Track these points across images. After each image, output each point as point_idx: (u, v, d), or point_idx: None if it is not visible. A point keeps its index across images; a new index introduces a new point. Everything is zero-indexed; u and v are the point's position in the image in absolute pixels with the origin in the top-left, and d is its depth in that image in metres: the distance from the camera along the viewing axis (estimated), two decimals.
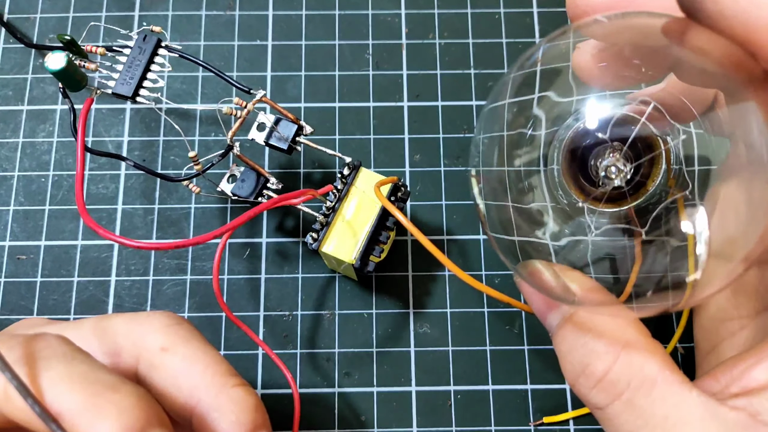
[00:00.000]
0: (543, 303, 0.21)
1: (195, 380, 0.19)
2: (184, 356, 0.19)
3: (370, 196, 0.26)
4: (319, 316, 0.29)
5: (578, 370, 0.20)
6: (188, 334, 0.20)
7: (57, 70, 0.23)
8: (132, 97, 0.24)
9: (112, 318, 0.20)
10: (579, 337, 0.20)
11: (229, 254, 0.30)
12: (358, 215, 0.26)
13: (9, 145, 0.32)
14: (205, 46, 0.33)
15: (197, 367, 0.19)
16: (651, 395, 0.18)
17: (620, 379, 0.19)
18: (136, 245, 0.21)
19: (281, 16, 0.34)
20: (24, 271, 0.30)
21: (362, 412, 0.28)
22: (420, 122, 0.32)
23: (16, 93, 0.33)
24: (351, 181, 0.26)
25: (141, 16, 0.34)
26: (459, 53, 0.33)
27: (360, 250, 0.25)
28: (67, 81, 0.23)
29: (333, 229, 0.26)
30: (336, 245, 0.25)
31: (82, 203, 0.21)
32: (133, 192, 0.31)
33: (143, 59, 0.24)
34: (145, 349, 0.19)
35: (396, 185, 0.26)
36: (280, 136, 0.27)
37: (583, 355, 0.19)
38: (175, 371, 0.19)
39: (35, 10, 0.34)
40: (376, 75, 0.33)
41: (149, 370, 0.19)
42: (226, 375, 0.19)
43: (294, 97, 0.32)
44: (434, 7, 0.34)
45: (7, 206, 0.31)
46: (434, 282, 0.30)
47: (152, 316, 0.20)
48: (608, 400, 0.19)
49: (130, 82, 0.24)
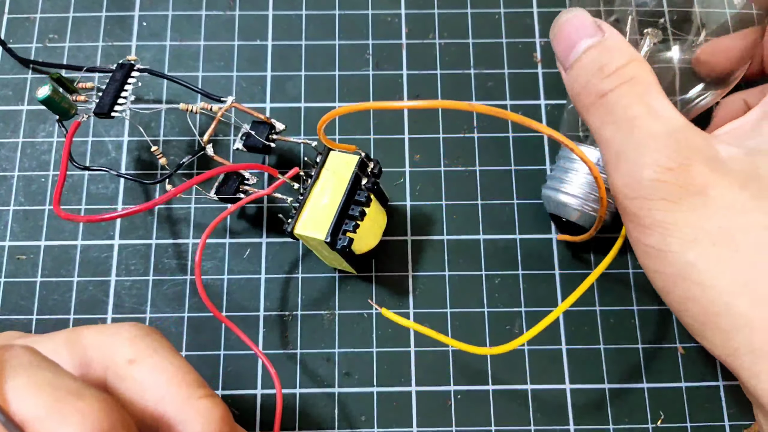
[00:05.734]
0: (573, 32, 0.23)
1: (161, 391, 0.19)
2: (151, 367, 0.19)
3: (340, 174, 0.27)
4: (319, 316, 0.29)
5: (594, 68, 0.22)
6: (155, 344, 0.20)
7: (43, 98, 0.26)
8: (108, 114, 0.28)
9: (83, 330, 0.20)
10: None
11: (229, 254, 0.30)
12: (330, 195, 0.26)
13: (9, 145, 0.32)
14: (205, 45, 0.33)
15: (163, 378, 0.19)
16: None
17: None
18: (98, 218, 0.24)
19: (281, 16, 0.34)
20: (24, 271, 0.30)
21: (362, 412, 0.28)
22: (420, 122, 0.32)
23: (16, 93, 0.33)
24: (321, 165, 0.27)
25: (141, 16, 0.34)
26: (459, 53, 0.33)
27: (331, 226, 0.26)
28: (56, 109, 0.27)
29: (305, 211, 0.26)
30: (309, 225, 0.26)
31: (58, 207, 0.25)
32: (133, 192, 0.31)
33: (117, 83, 0.28)
34: (113, 360, 0.19)
35: (363, 160, 0.27)
36: (256, 139, 0.29)
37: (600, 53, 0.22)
38: (141, 383, 0.19)
39: (35, 10, 0.34)
40: (376, 75, 0.33)
41: (117, 381, 0.19)
42: (193, 386, 0.19)
43: (294, 97, 0.32)
44: (434, 7, 0.34)
45: (7, 206, 0.31)
46: (434, 282, 0.30)
47: (121, 328, 0.20)
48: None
49: (106, 102, 0.28)
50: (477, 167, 0.31)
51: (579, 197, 0.27)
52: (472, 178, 0.31)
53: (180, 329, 0.29)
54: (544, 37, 0.34)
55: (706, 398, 0.28)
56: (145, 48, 0.33)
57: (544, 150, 0.32)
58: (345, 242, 0.26)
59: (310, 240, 0.27)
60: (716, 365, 0.29)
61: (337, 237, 0.26)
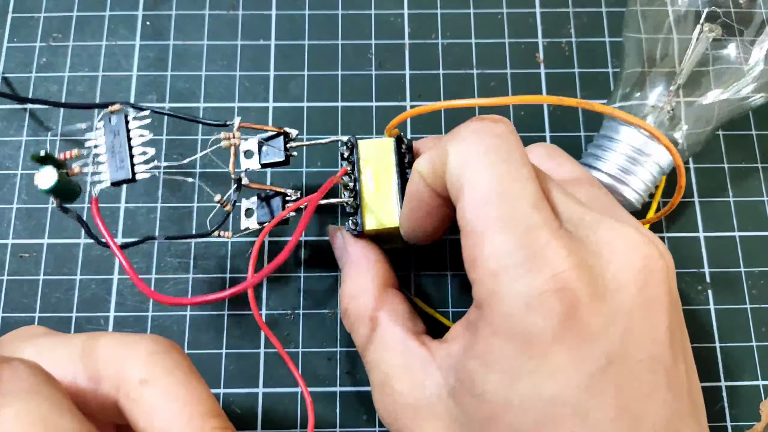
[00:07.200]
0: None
1: (170, 419, 0.18)
2: (164, 391, 0.18)
3: (380, 159, 0.26)
4: (321, 315, 0.29)
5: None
6: (172, 364, 0.19)
7: (50, 189, 0.21)
8: (133, 178, 0.23)
9: (101, 338, 0.19)
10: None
11: (231, 252, 0.30)
12: (379, 183, 0.26)
13: (12, 143, 0.32)
14: (208, 45, 0.33)
15: (174, 405, 0.18)
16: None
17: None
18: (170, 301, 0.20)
19: (284, 15, 0.34)
20: (26, 269, 0.30)
21: (364, 411, 0.28)
22: (422, 122, 0.32)
23: (20, 92, 0.33)
24: (356, 157, 0.26)
25: (144, 16, 0.34)
26: (461, 53, 0.33)
27: (397, 210, 0.25)
28: (64, 193, 0.22)
29: (365, 206, 0.26)
30: (376, 219, 0.26)
31: (143, 284, 0.22)
32: (136, 190, 0.31)
33: (122, 139, 0.24)
34: (125, 380, 0.18)
35: (399, 138, 0.27)
36: (274, 151, 0.27)
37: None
38: (151, 407, 0.18)
39: (39, 9, 0.34)
40: (378, 75, 0.33)
41: (127, 403, 0.18)
42: (206, 416, 0.18)
43: (296, 97, 0.33)
44: (437, 7, 0.34)
45: (10, 204, 0.31)
46: (436, 281, 0.30)
47: (140, 342, 0.19)
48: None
49: (123, 165, 0.23)
50: None
51: (613, 176, 0.28)
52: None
53: (182, 327, 0.29)
54: (546, 37, 0.34)
55: (707, 399, 0.28)
56: (149, 47, 0.33)
57: None
58: None
59: (380, 233, 0.26)
60: (718, 366, 0.29)
61: None
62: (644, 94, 0.28)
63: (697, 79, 0.27)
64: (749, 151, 0.32)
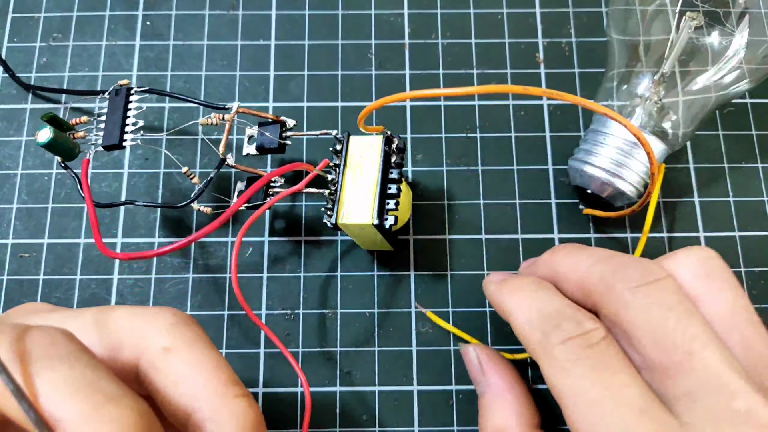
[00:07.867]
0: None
1: (196, 387, 0.18)
2: (187, 360, 0.18)
3: (366, 156, 0.26)
4: (320, 315, 0.29)
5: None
6: (194, 335, 0.19)
7: (45, 142, 0.25)
8: (120, 144, 0.27)
9: (115, 310, 0.19)
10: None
11: (231, 252, 0.30)
12: (362, 180, 0.26)
13: (12, 143, 0.32)
14: (209, 45, 0.33)
15: (199, 372, 0.18)
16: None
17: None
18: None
19: (284, 15, 0.34)
20: (26, 268, 0.30)
21: (364, 411, 0.28)
22: (422, 122, 0.32)
23: (20, 91, 0.33)
24: (345, 152, 0.27)
25: (144, 15, 0.34)
26: (461, 53, 0.33)
27: (375, 209, 0.25)
28: (60, 150, 0.26)
29: (342, 200, 0.26)
30: (351, 213, 0.26)
31: (101, 243, 0.24)
32: (136, 190, 0.31)
33: (119, 110, 0.27)
34: (147, 348, 0.18)
35: (388, 137, 0.27)
36: (269, 139, 0.28)
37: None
38: (176, 376, 0.18)
39: (39, 9, 0.34)
40: (378, 75, 0.33)
41: (150, 371, 0.18)
42: (229, 384, 0.18)
43: (296, 97, 0.33)
44: (437, 7, 0.34)
45: (10, 204, 0.31)
46: (436, 281, 0.30)
47: (159, 313, 0.19)
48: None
49: (114, 132, 0.27)
50: (479, 167, 0.31)
51: (606, 170, 0.28)
52: (474, 179, 0.31)
53: None
54: (546, 37, 0.34)
55: None
56: (149, 47, 0.33)
57: (546, 150, 0.32)
58: (392, 221, 0.25)
59: (353, 227, 0.26)
60: None
61: (383, 218, 0.25)
62: (632, 86, 0.28)
63: (682, 68, 0.27)
64: (749, 151, 0.32)
